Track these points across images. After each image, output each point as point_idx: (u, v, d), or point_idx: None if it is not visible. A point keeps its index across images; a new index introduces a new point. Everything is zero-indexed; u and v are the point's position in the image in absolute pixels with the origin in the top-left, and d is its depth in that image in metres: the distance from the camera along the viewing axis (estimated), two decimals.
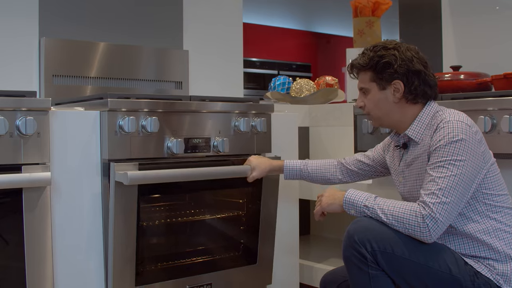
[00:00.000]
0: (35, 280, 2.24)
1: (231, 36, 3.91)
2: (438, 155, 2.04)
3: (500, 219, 2.08)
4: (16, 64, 3.00)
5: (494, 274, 2.03)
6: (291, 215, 3.12)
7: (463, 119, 2.08)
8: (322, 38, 10.18)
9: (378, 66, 2.21)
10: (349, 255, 2.08)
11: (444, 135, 2.05)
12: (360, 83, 2.31)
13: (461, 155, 2.01)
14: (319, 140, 4.11)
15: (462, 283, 2.00)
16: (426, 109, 2.21)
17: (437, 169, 2.02)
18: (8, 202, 2.20)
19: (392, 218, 2.03)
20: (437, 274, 2.00)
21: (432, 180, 2.02)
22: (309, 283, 3.37)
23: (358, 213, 2.14)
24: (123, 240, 2.45)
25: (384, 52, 2.21)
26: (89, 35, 3.23)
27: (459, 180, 1.99)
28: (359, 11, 4.56)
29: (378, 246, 2.01)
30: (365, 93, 2.29)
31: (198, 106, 2.69)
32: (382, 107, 2.24)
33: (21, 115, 2.18)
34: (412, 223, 1.98)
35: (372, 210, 2.08)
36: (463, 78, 2.80)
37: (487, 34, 3.22)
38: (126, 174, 2.35)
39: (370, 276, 2.03)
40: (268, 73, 8.70)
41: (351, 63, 2.33)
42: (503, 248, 2.05)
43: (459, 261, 2.04)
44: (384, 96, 2.23)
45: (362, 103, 2.30)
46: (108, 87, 3.26)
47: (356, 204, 2.14)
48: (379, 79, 2.22)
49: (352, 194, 2.17)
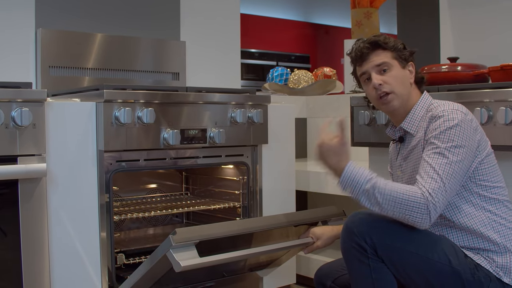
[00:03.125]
0: (32, 271, 2.24)
1: (229, 27, 3.90)
2: (435, 142, 2.03)
3: (495, 211, 2.07)
4: (13, 56, 2.99)
5: (494, 267, 2.01)
6: (288, 207, 3.12)
7: (458, 108, 2.08)
8: (321, 29, 10.16)
9: (398, 46, 2.20)
10: (348, 248, 2.05)
11: (440, 123, 2.05)
12: (380, 59, 2.19)
13: (457, 141, 2.00)
14: (316, 131, 4.11)
15: (462, 275, 1.98)
16: (421, 101, 2.21)
17: (435, 156, 2.01)
18: (4, 193, 2.21)
19: (391, 200, 1.94)
20: (436, 266, 1.99)
21: (430, 166, 1.99)
22: (306, 274, 3.38)
23: (355, 194, 2.02)
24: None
25: (393, 38, 2.24)
26: (86, 26, 3.22)
27: (456, 167, 1.98)
28: (357, 2, 4.56)
29: (378, 237, 2.00)
30: (383, 71, 2.19)
31: (195, 97, 2.69)
32: (406, 84, 2.21)
33: (16, 106, 2.18)
34: (413, 207, 1.93)
35: (370, 193, 1.98)
36: (460, 69, 2.79)
37: (484, 26, 3.21)
38: (179, 264, 2.11)
39: (371, 268, 2.01)
40: (267, 64, 8.69)
41: (372, 40, 2.22)
42: (500, 240, 2.04)
43: (459, 253, 2.03)
44: (406, 73, 2.21)
45: (380, 81, 2.17)
46: (105, 78, 3.25)
47: (353, 183, 2.02)
48: (400, 58, 2.20)
49: (352, 170, 2.03)
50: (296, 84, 3.99)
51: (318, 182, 3.27)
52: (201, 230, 2.21)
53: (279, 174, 3.05)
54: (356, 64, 2.27)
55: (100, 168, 2.45)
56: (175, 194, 3.45)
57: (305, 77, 3.98)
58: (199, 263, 2.15)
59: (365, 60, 2.22)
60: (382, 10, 4.77)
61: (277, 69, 4.19)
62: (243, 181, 2.97)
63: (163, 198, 3.37)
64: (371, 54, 2.20)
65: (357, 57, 2.24)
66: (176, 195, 3.44)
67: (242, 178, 2.98)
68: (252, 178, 2.95)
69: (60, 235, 2.35)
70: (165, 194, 3.41)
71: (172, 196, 3.42)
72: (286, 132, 3.11)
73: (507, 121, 2.32)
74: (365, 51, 2.21)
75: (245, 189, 2.97)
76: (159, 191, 3.40)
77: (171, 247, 2.08)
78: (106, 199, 2.46)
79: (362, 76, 2.25)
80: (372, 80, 2.19)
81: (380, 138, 2.76)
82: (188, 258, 2.11)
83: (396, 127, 2.28)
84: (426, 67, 2.88)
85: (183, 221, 3.45)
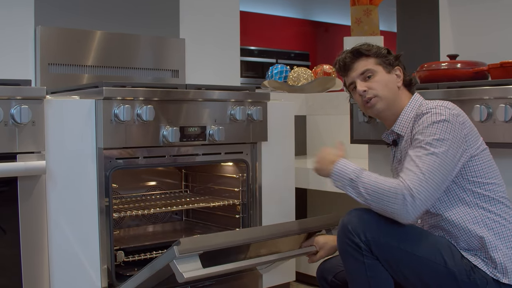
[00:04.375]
0: (31, 268, 2.24)
1: (228, 25, 3.90)
2: (418, 137, 2.04)
3: (490, 208, 2.06)
4: (12, 53, 2.98)
5: (491, 268, 2.00)
6: (288, 204, 3.12)
7: (445, 104, 2.09)
8: (321, 27, 10.15)
9: (381, 53, 2.24)
10: (344, 245, 2.06)
11: (425, 119, 2.06)
12: (363, 66, 2.24)
13: (440, 134, 2.00)
14: (316, 129, 4.11)
15: (457, 277, 1.98)
16: (411, 102, 2.23)
17: (417, 149, 2.02)
18: (3, 191, 2.21)
19: (373, 194, 1.98)
20: (431, 266, 1.99)
21: (411, 159, 2.00)
22: (305, 272, 3.39)
23: (342, 186, 2.08)
24: None
25: (376, 45, 2.27)
26: (85, 24, 3.22)
27: (436, 158, 1.98)
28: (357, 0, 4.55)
29: (372, 235, 2.00)
30: (368, 78, 2.23)
31: (194, 95, 2.68)
32: (392, 88, 2.23)
33: (16, 103, 2.18)
34: (391, 201, 1.94)
35: (354, 184, 2.04)
36: (460, 67, 2.78)
37: (484, 23, 3.21)
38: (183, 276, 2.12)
39: (365, 265, 2.02)
40: (266, 62, 8.68)
41: (354, 49, 2.28)
42: (494, 237, 2.02)
43: (455, 254, 2.02)
44: (392, 78, 2.24)
45: (365, 87, 2.23)
46: (104, 76, 3.25)
47: (342, 176, 2.09)
48: (384, 63, 2.24)
49: (342, 165, 2.11)
50: (295, 82, 3.98)
51: (318, 179, 3.27)
52: (205, 240, 2.21)
53: (278, 171, 3.05)
54: (343, 75, 2.33)
55: (100, 166, 2.45)
56: (174, 191, 3.45)
57: (305, 74, 3.98)
58: (202, 274, 2.15)
59: (349, 70, 2.28)
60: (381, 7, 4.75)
61: (276, 66, 4.19)
62: (243, 179, 2.97)
63: (163, 195, 3.37)
64: (354, 63, 2.26)
65: (342, 68, 2.31)
66: (176, 192, 3.44)
67: (242, 176, 2.98)
68: (252, 175, 2.95)
69: (59, 232, 2.35)
70: (165, 192, 3.41)
71: (171, 193, 3.42)
72: (286, 129, 3.10)
73: (506, 118, 2.32)
74: (348, 61, 2.27)
75: (244, 186, 2.97)
76: (159, 189, 3.40)
77: (174, 258, 2.09)
78: (105, 197, 2.46)
79: (350, 86, 2.31)
80: (357, 88, 2.25)
81: (379, 136, 2.74)
82: (192, 270, 2.12)
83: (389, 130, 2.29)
84: (426, 64, 2.88)
85: (182, 218, 3.45)
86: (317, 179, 3.27)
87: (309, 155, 4.07)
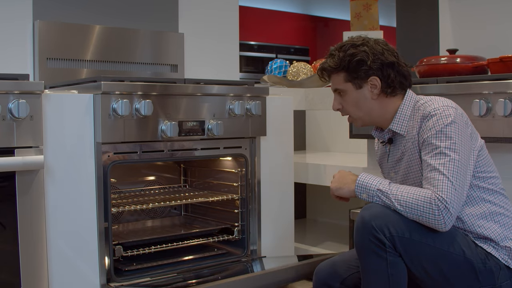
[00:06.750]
0: (30, 263, 2.24)
1: (227, 19, 3.89)
2: (434, 142, 2.03)
3: (494, 200, 2.09)
4: (10, 48, 2.97)
5: (503, 255, 2.03)
6: (287, 199, 3.12)
7: (448, 103, 2.08)
8: (320, 22, 10.14)
9: (351, 66, 2.16)
10: (365, 242, 2.01)
11: (435, 122, 2.04)
12: (334, 85, 2.24)
13: (456, 138, 2.00)
14: (315, 124, 4.11)
15: (475, 265, 2.00)
16: (405, 101, 2.19)
17: (437, 156, 2.00)
18: (1, 186, 2.20)
19: (406, 206, 1.98)
20: (452, 257, 2.00)
21: (435, 169, 1.99)
22: None
23: (370, 197, 2.08)
24: None
25: (354, 50, 2.16)
26: (84, 18, 3.21)
27: (460, 164, 1.98)
28: None
29: (396, 231, 1.98)
30: (341, 94, 2.23)
31: (193, 89, 2.68)
32: (362, 106, 2.20)
33: (13, 98, 2.17)
34: (427, 213, 1.95)
35: (386, 195, 2.03)
36: (459, 61, 2.78)
37: (484, 17, 3.20)
38: None
39: (388, 262, 1.99)
40: (266, 57, 8.67)
41: (321, 67, 2.26)
42: (501, 229, 2.06)
43: (470, 244, 2.04)
44: (362, 95, 2.18)
45: (339, 106, 2.24)
46: (103, 70, 3.24)
47: (369, 188, 2.08)
48: (354, 78, 2.17)
49: (365, 178, 2.11)
50: (295, 76, 3.98)
51: (317, 174, 3.27)
52: None
53: (277, 166, 3.05)
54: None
55: (98, 160, 2.44)
56: (173, 186, 3.44)
57: (304, 69, 3.97)
58: None
59: (329, 80, 2.28)
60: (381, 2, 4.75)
61: (276, 61, 4.18)
62: (242, 173, 2.97)
63: (161, 190, 3.37)
64: (330, 76, 2.25)
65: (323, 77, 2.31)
66: (175, 187, 3.44)
67: (241, 170, 2.97)
68: (251, 170, 2.94)
69: (57, 227, 2.34)
70: (163, 187, 3.41)
71: (170, 188, 3.42)
72: (285, 124, 3.10)
73: (506, 113, 2.32)
74: (326, 74, 2.26)
75: (243, 181, 2.97)
76: (157, 183, 3.39)
77: None
78: (104, 191, 2.46)
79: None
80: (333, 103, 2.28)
81: None
82: None
83: (383, 129, 2.27)
84: (425, 59, 2.88)
85: (181, 213, 3.45)
86: (316, 174, 3.27)
87: (308, 150, 4.07)
